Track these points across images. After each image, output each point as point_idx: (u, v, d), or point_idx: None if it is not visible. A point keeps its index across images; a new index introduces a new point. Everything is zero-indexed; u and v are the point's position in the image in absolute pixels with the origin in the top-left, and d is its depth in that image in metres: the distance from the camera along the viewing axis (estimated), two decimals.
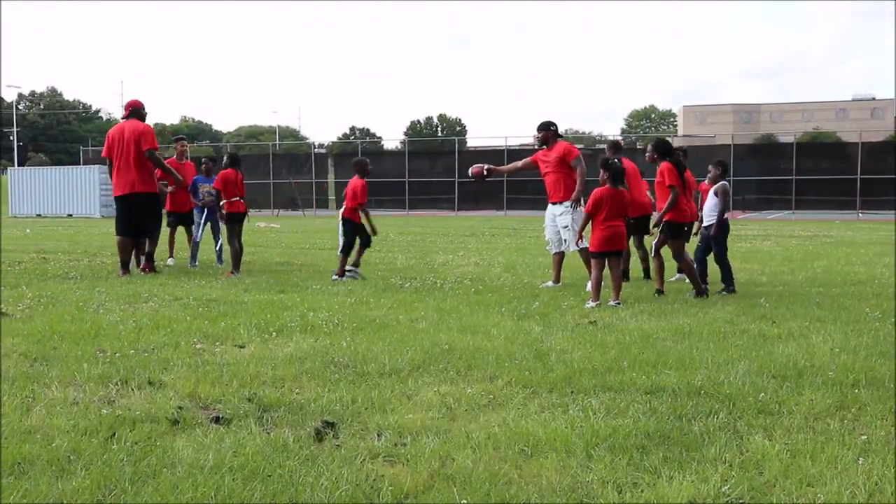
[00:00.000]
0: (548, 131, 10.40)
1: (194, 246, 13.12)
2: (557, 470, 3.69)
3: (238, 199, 11.91)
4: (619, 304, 8.72)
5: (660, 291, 9.60)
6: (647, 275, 11.30)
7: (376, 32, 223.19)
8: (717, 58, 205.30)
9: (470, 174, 10.91)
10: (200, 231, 13.21)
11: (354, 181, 11.32)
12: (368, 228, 11.38)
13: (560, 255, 10.49)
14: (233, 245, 11.90)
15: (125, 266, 11.68)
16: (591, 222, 9.14)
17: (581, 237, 9.56)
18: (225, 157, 12.49)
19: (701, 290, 9.37)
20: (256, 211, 46.22)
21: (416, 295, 9.50)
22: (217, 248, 13.62)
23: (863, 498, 3.39)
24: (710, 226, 9.90)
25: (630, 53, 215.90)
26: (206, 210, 13.14)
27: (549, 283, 10.49)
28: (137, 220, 11.57)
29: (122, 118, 11.92)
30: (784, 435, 4.21)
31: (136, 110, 11.79)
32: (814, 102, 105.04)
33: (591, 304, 8.70)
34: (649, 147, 10.47)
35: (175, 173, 12.38)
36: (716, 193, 9.93)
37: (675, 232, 9.62)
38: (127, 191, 11.48)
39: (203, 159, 13.49)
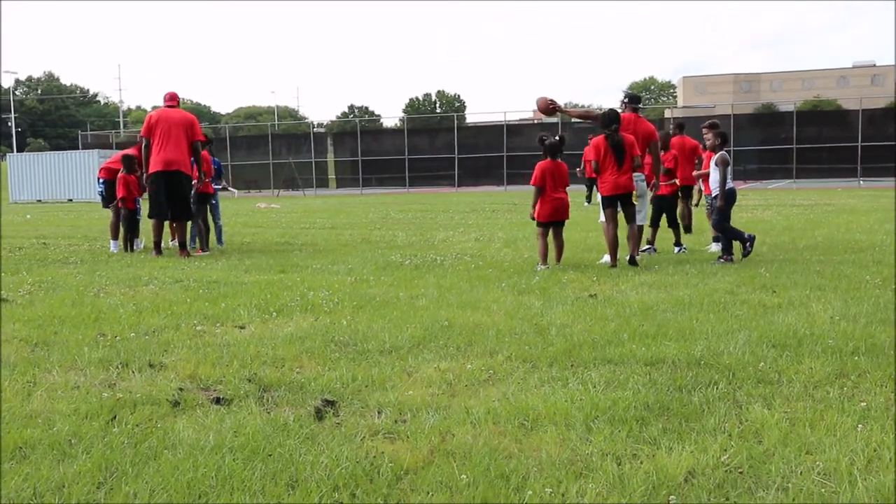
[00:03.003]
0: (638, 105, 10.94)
1: (193, 227, 13.13)
2: (557, 443, 3.70)
3: (209, 180, 12.70)
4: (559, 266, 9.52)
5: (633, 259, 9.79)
6: (688, 230, 13.16)
7: (373, 9, 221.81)
8: (718, 29, 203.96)
9: (539, 109, 10.83)
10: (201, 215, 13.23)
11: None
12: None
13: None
14: (198, 223, 12.55)
15: (158, 247, 11.94)
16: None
17: (534, 210, 9.83)
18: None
19: (615, 263, 9.65)
20: (257, 191, 46.22)
21: (417, 272, 9.50)
22: (216, 230, 13.64)
23: (861, 465, 3.40)
24: (716, 196, 10.05)
25: (630, 25, 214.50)
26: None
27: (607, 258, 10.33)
28: (173, 199, 11.67)
29: (166, 106, 11.97)
30: (783, 404, 4.21)
31: (179, 101, 12.14)
32: (814, 70, 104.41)
33: (540, 266, 9.53)
34: None
35: (202, 171, 12.59)
36: (716, 164, 10.02)
37: (603, 202, 9.90)
38: (171, 168, 11.59)
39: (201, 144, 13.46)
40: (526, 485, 3.26)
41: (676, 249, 11.38)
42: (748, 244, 9.89)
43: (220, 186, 13.52)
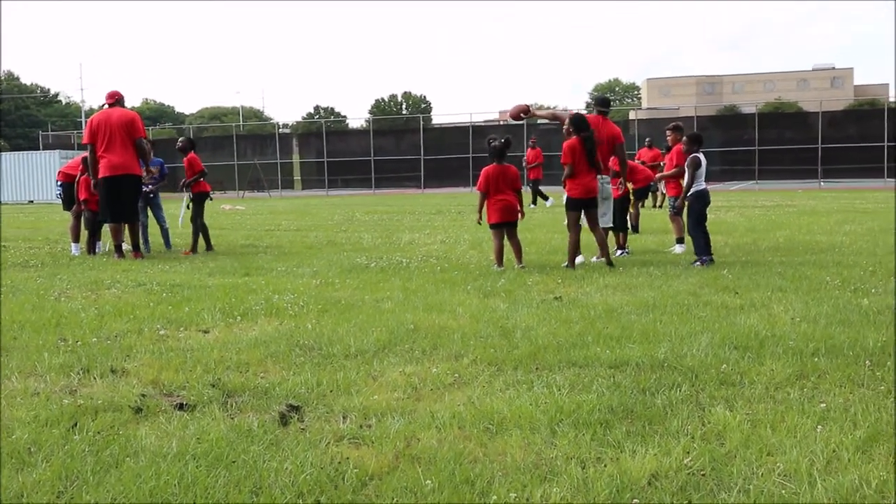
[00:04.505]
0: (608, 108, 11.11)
1: (143, 230, 12.94)
2: (522, 447, 3.71)
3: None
4: (523, 267, 9.68)
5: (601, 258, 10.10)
6: (635, 230, 13.97)
7: (339, 9, 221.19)
8: (683, 29, 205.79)
9: (510, 115, 10.94)
10: (145, 214, 13.10)
11: None
12: None
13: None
14: (197, 223, 12.69)
15: (119, 250, 11.85)
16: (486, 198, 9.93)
17: (472, 214, 10.03)
18: (186, 141, 13.34)
19: (609, 260, 9.94)
20: (221, 193, 45.85)
21: (382, 275, 9.48)
22: (162, 232, 13.48)
23: (821, 465, 3.44)
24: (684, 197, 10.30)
25: (595, 27, 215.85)
26: (147, 194, 13.09)
27: (593, 259, 10.47)
28: (124, 202, 11.67)
29: (107, 106, 11.94)
30: (745, 406, 4.26)
31: (119, 100, 12.01)
32: (775, 73, 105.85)
33: (495, 267, 9.75)
34: (567, 121, 10.26)
35: (148, 166, 12.52)
36: (686, 166, 10.19)
37: (570, 205, 10.00)
38: (119, 172, 11.57)
39: (145, 140, 13.18)
40: (491, 489, 3.26)
41: (619, 252, 11.25)
42: (703, 261, 9.79)
43: (157, 187, 13.33)
